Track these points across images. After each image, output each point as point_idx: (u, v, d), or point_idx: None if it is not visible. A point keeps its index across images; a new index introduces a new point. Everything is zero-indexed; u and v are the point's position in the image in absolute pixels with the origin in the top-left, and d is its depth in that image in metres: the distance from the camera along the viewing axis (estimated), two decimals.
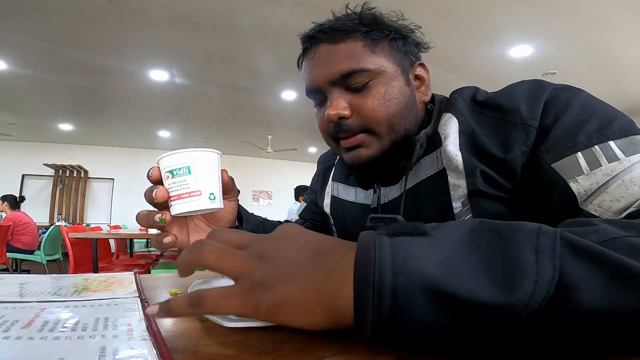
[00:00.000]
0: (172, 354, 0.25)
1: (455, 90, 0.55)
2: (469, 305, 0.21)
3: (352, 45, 0.51)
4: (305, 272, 0.26)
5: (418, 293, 0.21)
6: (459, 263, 0.22)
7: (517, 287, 0.21)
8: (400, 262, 0.22)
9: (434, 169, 0.52)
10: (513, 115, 0.46)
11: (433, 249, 0.23)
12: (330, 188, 0.72)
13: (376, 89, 0.50)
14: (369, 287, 0.22)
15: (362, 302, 0.22)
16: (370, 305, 0.22)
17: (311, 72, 0.54)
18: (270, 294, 0.25)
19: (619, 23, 2.90)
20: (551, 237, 0.23)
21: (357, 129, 0.51)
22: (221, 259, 0.27)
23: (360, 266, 0.23)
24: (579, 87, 0.47)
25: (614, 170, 0.39)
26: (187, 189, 0.42)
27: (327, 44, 0.52)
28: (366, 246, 0.24)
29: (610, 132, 0.40)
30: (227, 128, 6.26)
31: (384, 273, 0.22)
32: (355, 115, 0.51)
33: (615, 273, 0.21)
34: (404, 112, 0.53)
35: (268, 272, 0.26)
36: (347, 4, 0.55)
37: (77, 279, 0.50)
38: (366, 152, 0.52)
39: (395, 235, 0.24)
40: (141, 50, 3.50)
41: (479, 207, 0.48)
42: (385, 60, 0.52)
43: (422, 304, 0.21)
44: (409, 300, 0.21)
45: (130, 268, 3.04)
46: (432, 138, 0.53)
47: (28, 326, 0.28)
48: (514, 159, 0.45)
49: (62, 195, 7.24)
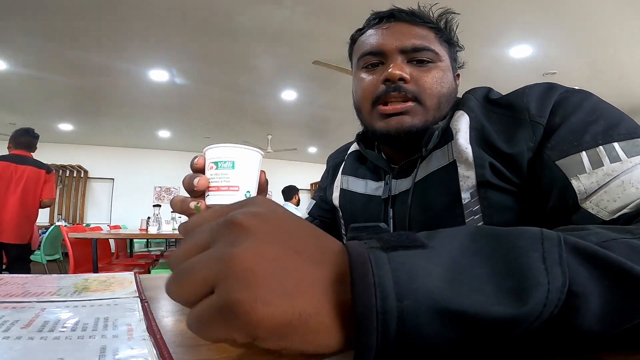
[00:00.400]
0: (172, 354, 0.25)
1: (469, 90, 0.59)
2: (480, 321, 0.19)
3: (426, 31, 0.57)
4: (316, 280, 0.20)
5: (426, 315, 0.19)
6: (464, 276, 0.20)
7: (529, 298, 0.20)
8: (403, 282, 0.19)
9: (444, 161, 0.54)
10: (522, 112, 0.49)
11: (435, 263, 0.21)
12: (340, 181, 0.73)
13: (436, 71, 0.56)
14: (371, 313, 0.19)
15: (365, 328, 0.19)
16: (374, 332, 0.19)
17: (381, 37, 0.57)
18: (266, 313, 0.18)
19: (619, 23, 2.90)
20: (556, 243, 0.22)
21: (410, 95, 0.54)
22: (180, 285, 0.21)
23: (359, 290, 0.19)
24: (589, 91, 0.48)
25: (615, 170, 0.39)
26: (227, 182, 0.43)
27: (404, 23, 0.57)
28: (362, 265, 0.20)
29: (616, 134, 0.41)
30: (227, 128, 6.26)
31: (387, 297, 0.19)
32: (413, 83, 0.54)
33: (618, 278, 0.21)
34: (450, 99, 0.58)
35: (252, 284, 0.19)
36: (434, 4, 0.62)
37: (77, 279, 0.50)
38: (410, 120, 0.55)
39: (391, 249, 0.21)
40: (141, 50, 3.50)
41: (487, 199, 0.50)
42: (446, 54, 0.59)
43: (431, 326, 0.19)
44: (417, 324, 0.19)
45: (130, 268, 3.04)
46: (444, 132, 0.55)
47: (28, 326, 0.28)
48: (520, 154, 0.47)
49: (62, 195, 7.23)
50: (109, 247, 3.44)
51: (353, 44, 0.64)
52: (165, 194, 8.00)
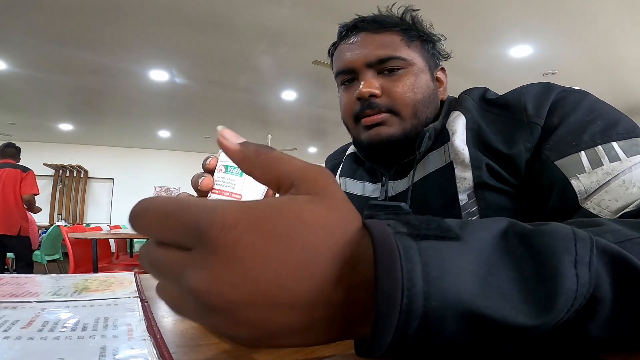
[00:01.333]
0: (172, 354, 0.25)
1: (465, 90, 0.59)
2: (502, 328, 0.18)
3: (390, 37, 0.56)
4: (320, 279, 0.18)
5: (452, 317, 0.18)
6: (494, 278, 0.19)
7: (556, 305, 0.18)
8: (434, 281, 0.17)
9: (441, 162, 0.54)
10: (520, 113, 0.48)
11: (467, 260, 0.19)
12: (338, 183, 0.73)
13: (407, 77, 0.55)
14: (394, 311, 0.17)
15: (383, 326, 0.17)
16: (392, 330, 0.17)
17: (348, 54, 0.58)
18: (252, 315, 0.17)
19: (619, 23, 2.90)
20: (589, 246, 0.20)
21: (383, 108, 0.55)
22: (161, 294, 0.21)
23: (383, 284, 0.17)
24: (586, 91, 0.48)
25: (615, 169, 0.39)
26: (231, 188, 0.43)
27: (368, 33, 0.57)
28: (388, 254, 0.17)
29: (614, 134, 0.41)
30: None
31: (414, 297, 0.17)
32: (384, 96, 0.55)
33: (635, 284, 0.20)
34: (427, 102, 0.57)
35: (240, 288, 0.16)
36: (393, 4, 0.61)
37: (77, 279, 0.50)
38: (387, 130, 0.55)
39: (421, 237, 0.19)
40: (141, 50, 3.50)
41: (484, 200, 0.50)
42: (417, 55, 0.57)
43: (453, 328, 0.18)
44: (440, 325, 0.18)
45: (130, 268, 3.04)
46: (440, 134, 0.55)
47: (28, 326, 0.28)
48: (518, 154, 0.47)
49: (62, 195, 7.24)
50: (109, 247, 3.45)
51: (331, 58, 0.65)
52: (165, 194, 8.00)
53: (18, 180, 3.21)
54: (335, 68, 0.61)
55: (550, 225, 0.21)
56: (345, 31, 0.61)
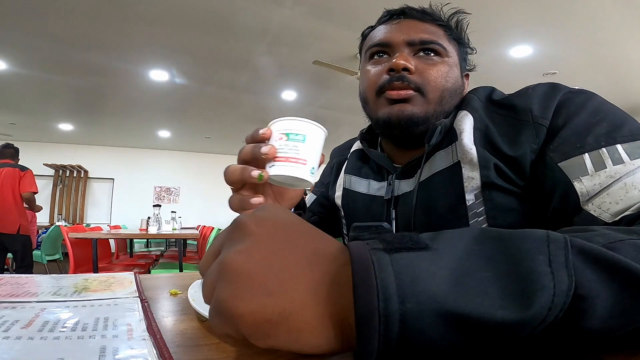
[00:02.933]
0: (172, 354, 0.25)
1: (472, 89, 0.59)
2: (484, 325, 0.19)
3: (435, 27, 0.58)
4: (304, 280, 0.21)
5: (429, 318, 0.19)
6: (469, 279, 0.20)
7: (534, 302, 0.19)
8: (406, 285, 0.19)
9: (448, 162, 0.54)
10: (525, 114, 0.48)
11: (439, 266, 0.20)
12: (343, 180, 0.72)
13: (442, 65, 0.56)
14: (373, 315, 0.19)
15: (366, 330, 0.19)
16: (376, 334, 0.19)
17: (390, 31, 0.58)
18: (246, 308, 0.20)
19: (619, 23, 2.90)
20: (562, 245, 0.21)
21: (413, 85, 0.54)
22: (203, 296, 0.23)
23: (360, 291, 0.19)
24: (593, 92, 0.48)
25: (618, 172, 0.39)
26: (297, 154, 0.43)
27: (415, 20, 0.58)
28: (364, 267, 0.20)
29: (619, 136, 0.41)
30: (227, 128, 6.25)
31: (389, 300, 0.19)
32: (417, 74, 0.55)
33: (626, 280, 0.21)
34: (453, 94, 0.57)
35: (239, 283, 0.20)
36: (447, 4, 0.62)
37: (77, 279, 0.50)
38: (411, 108, 0.54)
39: (394, 250, 0.21)
40: (141, 50, 3.50)
41: (491, 200, 0.49)
42: (454, 51, 0.59)
43: (434, 329, 0.19)
44: (420, 327, 0.19)
45: (130, 268, 3.04)
46: (448, 133, 0.55)
47: (28, 326, 0.28)
48: (524, 156, 0.47)
49: (62, 195, 7.24)
50: (109, 247, 3.45)
51: (364, 39, 0.64)
52: (165, 194, 8.00)
53: (17, 179, 3.26)
54: (369, 43, 0.60)
55: (524, 230, 0.23)
56: (389, 16, 0.61)
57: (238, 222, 0.23)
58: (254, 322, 0.20)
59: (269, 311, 0.20)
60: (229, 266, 0.21)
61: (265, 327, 0.20)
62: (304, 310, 0.20)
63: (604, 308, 0.21)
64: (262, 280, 0.20)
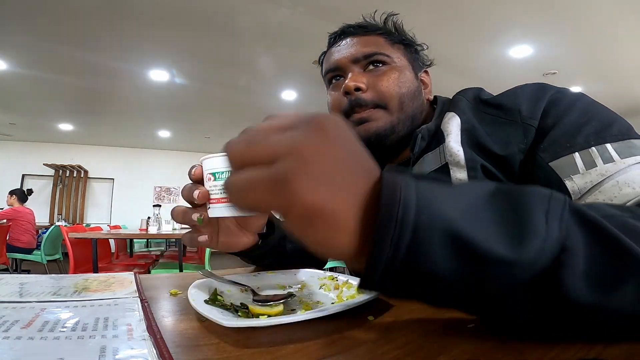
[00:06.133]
0: (172, 354, 0.25)
1: (460, 91, 0.59)
2: (483, 256, 0.22)
3: (375, 38, 0.60)
4: (350, 184, 0.23)
5: (438, 234, 0.21)
6: (477, 215, 0.23)
7: (526, 243, 0.22)
8: (424, 202, 0.22)
9: (436, 164, 0.54)
10: (514, 114, 0.49)
11: (455, 198, 0.23)
12: None
13: (391, 72, 0.58)
14: (391, 222, 0.21)
15: (382, 234, 0.21)
16: (389, 240, 0.21)
17: (336, 55, 0.61)
18: (309, 195, 0.21)
19: (619, 23, 2.89)
20: (561, 203, 0.24)
21: (370, 104, 0.56)
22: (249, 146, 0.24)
23: (385, 200, 0.22)
24: (581, 92, 0.49)
25: (609, 171, 0.40)
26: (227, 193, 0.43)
27: (355, 36, 0.61)
28: (392, 183, 0.22)
29: (608, 135, 0.42)
30: (227, 128, 6.25)
31: (408, 209, 0.21)
32: (370, 90, 0.57)
33: (610, 246, 0.23)
34: (412, 97, 0.59)
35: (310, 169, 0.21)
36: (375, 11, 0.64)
37: (77, 279, 0.50)
38: (375, 124, 0.56)
39: (420, 180, 0.24)
40: (141, 50, 3.50)
41: None
42: (400, 55, 0.60)
43: (439, 247, 0.21)
44: (427, 240, 0.21)
45: (130, 268, 3.04)
46: (435, 135, 0.56)
47: (28, 326, 0.28)
48: (512, 156, 0.48)
49: (62, 195, 7.23)
50: (109, 247, 3.45)
51: (322, 66, 0.68)
52: (165, 194, 8.00)
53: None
54: (324, 69, 0.65)
55: (534, 188, 0.25)
56: (333, 38, 0.64)
57: (322, 120, 0.23)
58: (308, 208, 0.21)
59: (324, 205, 0.21)
60: (308, 150, 0.21)
61: (314, 217, 0.21)
62: (348, 213, 0.22)
63: (583, 264, 0.22)
64: (329, 177, 0.22)
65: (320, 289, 0.48)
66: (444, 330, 0.31)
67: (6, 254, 3.88)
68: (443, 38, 3.10)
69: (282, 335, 0.30)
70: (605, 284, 0.22)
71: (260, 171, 0.22)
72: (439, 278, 0.22)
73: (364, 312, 0.35)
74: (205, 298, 0.38)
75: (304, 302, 0.42)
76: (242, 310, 0.37)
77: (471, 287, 0.23)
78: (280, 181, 0.21)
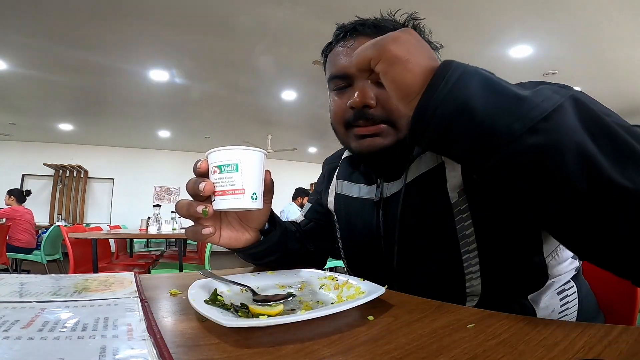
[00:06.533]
0: (172, 354, 0.25)
1: None
2: (502, 90, 0.34)
3: None
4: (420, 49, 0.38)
5: (477, 77, 0.34)
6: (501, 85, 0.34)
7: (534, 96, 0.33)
8: (469, 67, 0.35)
9: (433, 163, 0.55)
10: None
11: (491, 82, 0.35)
12: (335, 186, 0.74)
13: None
14: (440, 77, 0.34)
15: (440, 72, 0.34)
16: (442, 76, 0.34)
17: (344, 58, 0.57)
18: (395, 50, 0.37)
19: (619, 23, 2.89)
20: (569, 94, 0.33)
21: (378, 120, 0.54)
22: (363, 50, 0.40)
23: (442, 66, 0.35)
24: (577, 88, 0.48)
25: None
26: (232, 186, 0.43)
27: (367, 37, 0.55)
28: (449, 62, 0.35)
29: None
30: (227, 128, 6.26)
31: (458, 67, 0.34)
32: (379, 106, 0.54)
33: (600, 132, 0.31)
34: None
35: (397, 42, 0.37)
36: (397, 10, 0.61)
37: (77, 279, 0.50)
38: (382, 141, 0.55)
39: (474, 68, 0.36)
40: (141, 50, 3.50)
41: (474, 198, 0.51)
42: None
43: (477, 84, 0.33)
44: (469, 79, 0.34)
45: (130, 268, 3.04)
46: None
47: (28, 326, 0.28)
48: None
49: (62, 195, 7.24)
50: (109, 247, 3.44)
51: (325, 58, 0.64)
52: (165, 194, 8.00)
53: None
54: (329, 72, 0.60)
55: None
56: (343, 33, 0.59)
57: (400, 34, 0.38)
58: (394, 55, 0.37)
59: (402, 55, 0.37)
60: (394, 35, 0.38)
61: (396, 61, 0.37)
62: (417, 63, 0.36)
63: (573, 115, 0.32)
64: (407, 45, 0.37)
65: (320, 289, 0.48)
66: (444, 330, 0.31)
67: (6, 254, 3.88)
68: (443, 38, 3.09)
69: (282, 335, 0.30)
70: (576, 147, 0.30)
71: (370, 44, 0.39)
72: (471, 108, 0.32)
73: (364, 312, 0.35)
74: (205, 298, 0.38)
75: (304, 302, 0.42)
76: (242, 310, 0.37)
77: (494, 116, 0.32)
78: (380, 44, 0.38)
